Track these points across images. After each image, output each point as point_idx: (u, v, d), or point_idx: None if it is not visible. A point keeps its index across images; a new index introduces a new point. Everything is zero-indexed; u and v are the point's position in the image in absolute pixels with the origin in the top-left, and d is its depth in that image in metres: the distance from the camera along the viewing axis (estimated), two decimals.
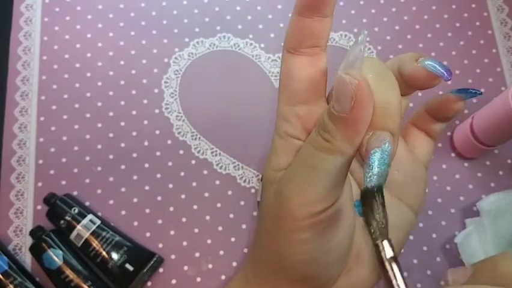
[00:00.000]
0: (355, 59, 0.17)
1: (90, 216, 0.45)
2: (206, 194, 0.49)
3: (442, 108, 0.23)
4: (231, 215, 0.48)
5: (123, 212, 0.48)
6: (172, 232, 0.47)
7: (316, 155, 0.19)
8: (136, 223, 0.47)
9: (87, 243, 0.44)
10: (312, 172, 0.19)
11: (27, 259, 0.46)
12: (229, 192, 0.49)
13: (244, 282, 0.24)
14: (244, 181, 0.49)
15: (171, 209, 0.48)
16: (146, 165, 0.49)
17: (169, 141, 0.50)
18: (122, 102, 0.52)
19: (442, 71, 0.20)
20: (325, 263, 0.21)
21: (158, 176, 0.49)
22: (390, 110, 0.18)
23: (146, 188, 0.49)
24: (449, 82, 0.55)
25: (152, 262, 0.45)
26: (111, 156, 0.50)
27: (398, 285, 0.17)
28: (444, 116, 0.23)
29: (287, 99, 0.20)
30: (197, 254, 0.47)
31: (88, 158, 0.49)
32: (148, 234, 0.47)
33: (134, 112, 0.51)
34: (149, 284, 0.46)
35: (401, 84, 0.21)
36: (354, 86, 0.17)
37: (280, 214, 0.20)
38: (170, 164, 0.49)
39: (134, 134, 0.50)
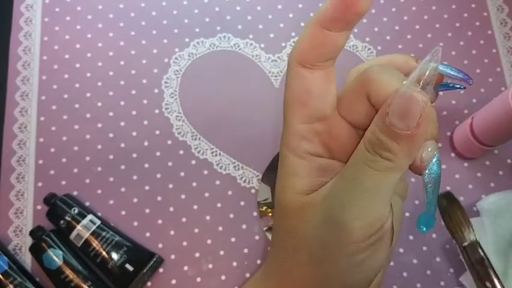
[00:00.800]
0: (429, 78, 0.17)
1: (90, 217, 0.45)
2: (206, 194, 0.49)
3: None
4: (231, 215, 0.48)
5: (123, 212, 0.48)
6: (172, 232, 0.47)
7: (376, 176, 0.18)
8: (136, 223, 0.47)
9: (87, 243, 0.44)
10: (373, 195, 0.18)
11: (27, 259, 0.46)
12: (229, 193, 0.49)
13: (263, 280, 0.23)
14: (244, 181, 0.49)
15: (171, 209, 0.48)
16: (146, 165, 0.49)
17: (169, 142, 0.50)
18: (122, 103, 0.52)
19: (466, 77, 0.21)
20: (372, 279, 0.21)
21: (158, 176, 0.49)
22: (433, 119, 0.18)
23: (146, 188, 0.49)
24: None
25: (152, 262, 0.45)
26: (111, 157, 0.50)
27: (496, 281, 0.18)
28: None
29: (306, 117, 0.20)
30: (197, 254, 0.47)
31: (88, 158, 0.49)
32: (148, 234, 0.47)
33: (134, 112, 0.51)
34: (149, 284, 0.46)
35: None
36: (424, 104, 0.16)
37: (334, 241, 0.19)
38: (170, 164, 0.49)
39: (134, 134, 0.50)
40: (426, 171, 0.17)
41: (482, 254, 0.19)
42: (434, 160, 0.17)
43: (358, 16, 0.17)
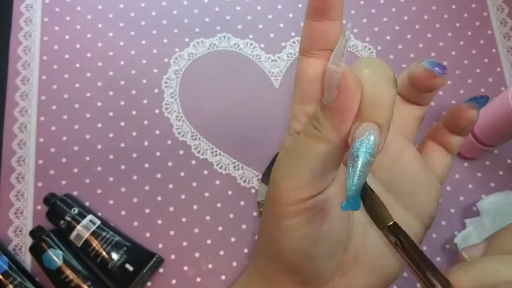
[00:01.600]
0: (341, 51, 0.18)
1: (90, 217, 0.45)
2: (206, 194, 0.49)
3: (456, 119, 0.23)
4: (231, 215, 0.48)
5: (123, 212, 0.48)
6: (172, 232, 0.47)
7: (305, 142, 0.19)
8: (136, 223, 0.47)
9: (87, 243, 0.44)
10: (299, 158, 0.19)
11: (27, 259, 0.46)
12: (229, 192, 0.49)
13: (247, 277, 0.25)
14: (244, 181, 0.49)
15: (171, 209, 0.48)
16: (146, 165, 0.49)
17: (169, 142, 0.50)
18: (122, 102, 0.52)
19: (434, 67, 0.21)
20: (313, 254, 0.21)
21: (158, 176, 0.49)
22: (380, 103, 0.18)
23: (146, 188, 0.49)
24: (449, 82, 0.55)
25: (152, 262, 0.45)
26: (111, 156, 0.50)
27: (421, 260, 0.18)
28: (460, 127, 0.23)
29: (299, 98, 0.21)
30: (197, 254, 0.47)
31: (88, 158, 0.49)
32: (148, 235, 0.47)
33: (134, 112, 0.51)
34: (149, 284, 0.46)
35: (411, 90, 0.22)
36: (339, 75, 0.17)
37: (271, 199, 0.21)
38: (170, 164, 0.49)
39: (134, 134, 0.50)
40: (352, 150, 0.17)
41: (404, 233, 0.19)
42: (363, 141, 0.17)
43: (327, 4, 0.19)
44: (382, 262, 0.23)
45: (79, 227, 0.44)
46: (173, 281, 0.46)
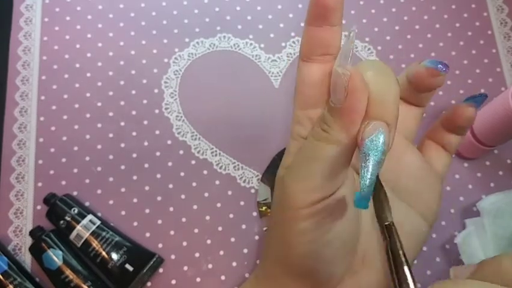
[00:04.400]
0: (347, 54, 0.18)
1: (90, 217, 0.45)
2: (206, 194, 0.49)
3: (454, 118, 0.24)
4: (231, 215, 0.48)
5: (123, 212, 0.48)
6: (172, 232, 0.47)
7: (315, 145, 0.20)
8: (135, 223, 0.47)
9: (87, 243, 0.44)
10: (310, 161, 0.20)
11: (27, 259, 0.46)
12: (229, 193, 0.49)
13: (254, 280, 0.25)
14: (244, 181, 0.49)
15: (171, 209, 0.48)
16: (146, 165, 0.49)
17: (169, 142, 0.50)
18: (122, 103, 0.52)
19: (438, 64, 0.21)
20: (324, 257, 0.21)
21: (158, 176, 0.49)
22: (386, 102, 0.18)
23: (146, 188, 0.49)
24: (448, 82, 0.55)
25: (152, 262, 0.45)
26: (111, 157, 0.50)
27: (399, 265, 0.18)
28: (458, 126, 0.24)
29: (301, 103, 0.21)
30: (197, 254, 0.47)
31: (87, 158, 0.49)
32: (147, 235, 0.47)
33: (134, 112, 0.51)
34: (149, 284, 0.46)
35: (411, 91, 0.23)
36: (346, 77, 0.18)
37: (283, 204, 0.21)
38: (170, 164, 0.49)
39: (134, 134, 0.50)
40: (362, 149, 0.17)
41: (396, 237, 0.19)
42: (373, 140, 0.17)
43: (327, 10, 0.20)
44: None
45: (78, 227, 0.44)
46: (173, 281, 0.46)
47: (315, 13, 0.20)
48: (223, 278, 0.46)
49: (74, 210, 0.45)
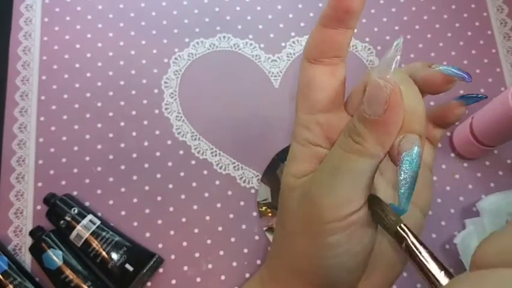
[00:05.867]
0: (389, 64, 0.18)
1: (90, 217, 0.45)
2: (206, 194, 0.49)
3: (445, 115, 0.24)
4: (231, 215, 0.48)
5: (123, 212, 0.48)
6: (172, 232, 0.47)
7: (346, 158, 0.19)
8: (135, 223, 0.47)
9: (87, 243, 0.44)
10: (342, 174, 0.19)
11: (27, 259, 0.46)
12: (229, 193, 0.49)
13: (259, 280, 0.25)
14: (244, 181, 0.49)
15: (171, 209, 0.48)
16: (146, 165, 0.49)
17: (169, 142, 0.50)
18: (122, 103, 0.52)
19: (462, 74, 0.21)
20: (351, 268, 0.21)
21: (158, 176, 0.49)
22: (417, 114, 0.18)
23: (146, 188, 0.49)
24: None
25: (152, 262, 0.45)
26: (111, 157, 0.50)
27: (426, 261, 0.18)
28: (445, 122, 0.24)
29: (308, 108, 0.21)
30: (197, 254, 0.47)
31: (87, 158, 0.49)
32: (147, 235, 0.47)
33: (134, 112, 0.51)
34: (149, 284, 0.46)
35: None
36: (388, 90, 0.17)
37: (309, 218, 0.20)
38: (170, 164, 0.49)
39: (134, 134, 0.50)
40: (401, 163, 0.17)
41: (412, 235, 0.19)
42: (411, 153, 0.17)
43: (348, 14, 0.19)
44: (396, 256, 0.23)
45: (78, 227, 0.44)
46: (173, 281, 0.46)
47: (333, 15, 0.19)
48: (223, 278, 0.46)
49: (74, 210, 0.45)
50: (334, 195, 0.19)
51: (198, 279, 0.46)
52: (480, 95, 0.23)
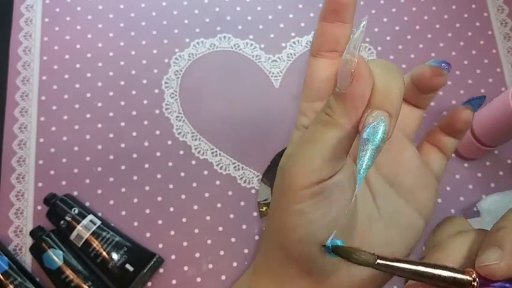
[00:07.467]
0: (356, 43, 0.19)
1: (90, 217, 0.45)
2: (206, 195, 0.49)
3: (452, 121, 0.24)
4: (231, 215, 0.48)
5: (123, 213, 0.48)
6: (172, 232, 0.47)
7: (317, 129, 0.20)
8: (136, 223, 0.47)
9: (87, 243, 0.44)
10: (310, 144, 0.20)
11: (27, 259, 0.46)
12: (230, 193, 0.49)
13: (252, 272, 0.25)
14: (245, 181, 0.49)
15: (171, 209, 0.48)
16: (147, 165, 0.49)
17: (169, 142, 0.50)
18: (123, 103, 0.52)
19: (441, 63, 0.22)
20: (320, 242, 0.21)
21: (159, 176, 0.49)
22: (390, 93, 0.19)
23: (147, 188, 0.49)
24: (449, 82, 0.55)
25: (152, 262, 0.45)
26: (111, 157, 0.50)
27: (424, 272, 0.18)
28: (455, 129, 0.25)
29: (308, 96, 0.23)
30: (197, 254, 0.47)
31: (88, 159, 0.49)
32: (148, 235, 0.47)
33: (134, 112, 0.51)
34: (149, 284, 0.46)
35: (414, 92, 0.23)
36: (353, 63, 0.18)
37: (282, 188, 0.21)
38: (170, 164, 0.49)
39: (134, 134, 0.50)
40: (363, 134, 0.18)
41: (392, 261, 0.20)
42: (373, 126, 0.18)
43: (340, 6, 0.21)
44: (388, 252, 0.23)
45: (79, 227, 0.45)
46: (174, 281, 0.46)
47: (329, 8, 0.21)
48: (223, 278, 0.46)
49: (74, 210, 0.45)
50: (302, 163, 0.20)
51: (198, 280, 0.46)
52: (479, 96, 0.23)
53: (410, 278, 0.19)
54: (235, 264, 0.47)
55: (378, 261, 0.19)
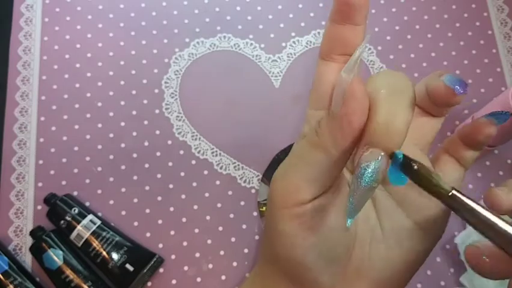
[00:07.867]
0: (354, 60, 0.17)
1: (90, 217, 0.45)
2: (206, 194, 0.49)
3: (474, 133, 0.22)
4: (231, 215, 0.48)
5: (123, 212, 0.48)
6: (172, 232, 0.47)
7: (304, 147, 0.19)
8: (136, 223, 0.48)
9: (87, 243, 0.44)
10: (296, 161, 0.20)
11: (27, 259, 0.46)
12: (230, 193, 0.49)
13: (251, 278, 0.25)
14: (245, 181, 0.49)
15: (171, 209, 0.48)
16: (147, 165, 0.49)
17: (169, 142, 0.50)
18: (123, 103, 0.52)
19: (455, 85, 0.20)
20: (306, 263, 0.20)
21: (159, 176, 0.49)
22: (393, 130, 0.17)
23: (147, 188, 0.49)
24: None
25: (152, 262, 0.45)
26: (111, 157, 0.50)
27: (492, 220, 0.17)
28: (476, 141, 0.22)
29: (314, 102, 0.21)
30: (197, 254, 0.47)
31: (88, 158, 0.49)
32: (148, 235, 0.47)
33: (134, 112, 0.51)
34: (149, 284, 0.46)
35: (428, 102, 0.21)
36: (346, 85, 0.17)
37: (269, 200, 0.21)
38: (170, 164, 0.49)
39: (134, 134, 0.50)
40: (356, 172, 0.17)
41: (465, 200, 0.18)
42: (368, 167, 0.17)
43: (353, 7, 0.19)
44: (388, 275, 0.22)
45: (79, 227, 0.45)
46: (174, 281, 0.46)
47: (340, 9, 0.19)
48: (223, 278, 0.46)
49: (74, 210, 0.45)
50: (285, 180, 0.19)
51: (198, 279, 0.46)
52: (505, 112, 0.22)
53: (476, 228, 0.17)
54: (235, 264, 0.47)
55: (454, 192, 0.17)
